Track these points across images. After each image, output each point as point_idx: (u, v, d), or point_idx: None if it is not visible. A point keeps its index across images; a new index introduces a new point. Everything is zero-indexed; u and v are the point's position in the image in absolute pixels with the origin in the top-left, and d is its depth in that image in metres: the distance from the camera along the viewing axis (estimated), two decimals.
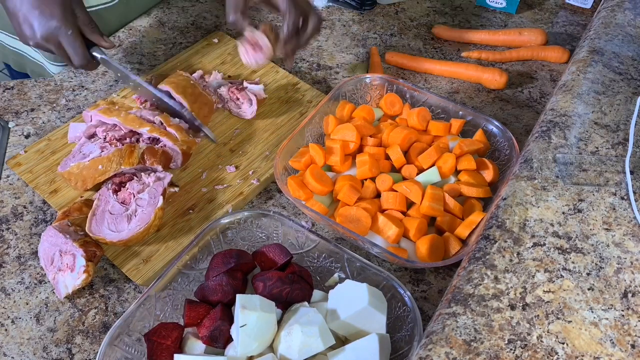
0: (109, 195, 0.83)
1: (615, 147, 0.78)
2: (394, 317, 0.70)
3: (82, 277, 0.75)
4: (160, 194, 0.82)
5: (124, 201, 0.83)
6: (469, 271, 0.66)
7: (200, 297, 0.71)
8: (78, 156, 0.87)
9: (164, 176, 0.85)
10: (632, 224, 0.69)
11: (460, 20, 1.23)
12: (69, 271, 0.76)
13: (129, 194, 0.83)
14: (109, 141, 0.89)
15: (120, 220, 0.81)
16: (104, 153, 0.85)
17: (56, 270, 0.77)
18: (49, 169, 0.90)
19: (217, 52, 1.12)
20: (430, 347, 0.59)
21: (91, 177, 0.84)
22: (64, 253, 0.77)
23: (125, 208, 0.82)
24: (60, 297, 0.76)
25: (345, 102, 0.97)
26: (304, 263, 0.78)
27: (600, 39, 0.95)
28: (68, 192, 0.88)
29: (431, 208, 0.81)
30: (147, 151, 0.85)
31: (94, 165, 0.83)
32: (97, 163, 0.83)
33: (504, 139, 0.90)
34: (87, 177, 0.84)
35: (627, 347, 0.58)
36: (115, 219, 0.81)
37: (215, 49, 1.12)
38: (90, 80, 1.07)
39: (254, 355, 0.66)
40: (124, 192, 0.83)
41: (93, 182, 0.84)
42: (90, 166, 0.83)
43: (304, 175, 0.85)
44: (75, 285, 0.75)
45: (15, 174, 0.91)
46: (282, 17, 0.84)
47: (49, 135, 0.95)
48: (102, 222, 0.80)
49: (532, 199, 0.72)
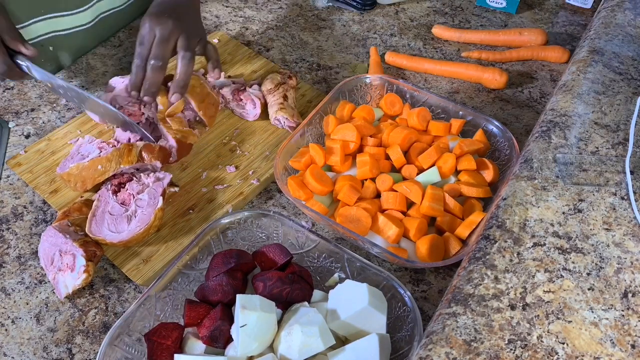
0: (108, 196, 0.83)
1: (616, 147, 0.78)
2: (394, 317, 0.70)
3: (82, 277, 0.75)
4: (160, 195, 0.82)
5: (123, 202, 0.83)
6: (469, 271, 0.66)
7: (200, 297, 0.71)
8: (77, 157, 0.87)
9: (164, 176, 0.85)
10: (632, 224, 0.69)
11: (460, 20, 1.23)
12: (69, 271, 0.76)
13: (129, 194, 0.83)
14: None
15: (120, 221, 0.81)
16: (103, 153, 0.85)
17: (56, 270, 0.77)
18: (49, 169, 0.90)
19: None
20: (431, 347, 0.59)
21: (91, 177, 0.84)
22: (64, 253, 0.77)
23: (125, 209, 0.82)
24: (60, 297, 0.76)
25: (345, 102, 0.97)
26: (304, 263, 0.78)
27: (601, 39, 0.95)
28: (68, 192, 0.88)
29: (431, 208, 0.81)
30: (145, 148, 0.85)
31: (93, 166, 0.83)
32: (97, 163, 0.83)
33: (504, 139, 0.90)
34: (87, 178, 0.84)
35: (627, 347, 0.58)
36: (115, 219, 0.81)
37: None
38: (90, 80, 1.07)
39: (254, 355, 0.66)
40: (124, 193, 0.83)
41: (93, 182, 0.84)
42: (90, 166, 0.83)
43: (304, 175, 0.85)
44: (75, 285, 0.75)
45: (15, 174, 0.91)
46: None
47: (49, 136, 0.95)
48: (102, 223, 0.80)
49: (532, 199, 0.72)
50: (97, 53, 1.12)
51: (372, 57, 1.11)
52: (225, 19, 1.21)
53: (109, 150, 0.86)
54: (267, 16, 1.23)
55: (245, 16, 1.23)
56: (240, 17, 1.22)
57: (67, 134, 0.95)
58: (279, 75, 1.02)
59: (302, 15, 1.23)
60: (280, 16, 1.23)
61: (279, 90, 0.99)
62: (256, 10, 1.24)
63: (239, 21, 1.21)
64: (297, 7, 1.25)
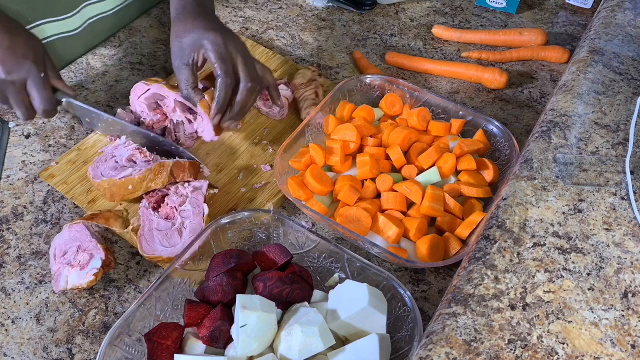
0: (150, 214, 0.82)
1: (615, 147, 0.78)
2: (394, 317, 0.70)
3: (89, 278, 0.75)
4: (203, 202, 0.82)
5: (167, 216, 0.82)
6: (469, 271, 0.66)
7: (200, 297, 0.71)
8: (110, 161, 0.87)
9: (200, 185, 0.84)
10: (632, 224, 0.69)
11: (460, 20, 1.23)
12: (78, 268, 0.76)
13: (171, 208, 0.82)
14: (149, 125, 0.90)
15: (171, 235, 0.80)
16: (135, 172, 0.84)
17: (64, 264, 0.77)
18: (83, 178, 0.90)
19: None
20: (431, 347, 0.59)
21: (120, 194, 0.84)
22: (82, 250, 0.77)
23: (171, 223, 0.81)
24: (55, 290, 0.76)
25: (345, 102, 0.97)
26: (304, 263, 0.78)
27: (601, 39, 0.95)
28: (106, 202, 0.88)
29: (431, 208, 0.81)
30: (175, 167, 0.84)
31: (124, 185, 0.83)
32: (127, 183, 0.83)
33: (504, 139, 0.90)
34: (116, 194, 0.84)
35: (627, 347, 0.58)
36: (165, 235, 0.80)
37: None
38: (90, 81, 1.07)
39: (254, 355, 0.66)
40: (165, 208, 0.83)
41: (121, 199, 0.85)
42: (120, 185, 0.83)
43: (304, 175, 0.85)
44: (78, 284, 0.75)
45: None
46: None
47: (78, 145, 0.95)
48: (153, 241, 0.80)
49: (532, 199, 0.72)
50: (97, 53, 1.12)
51: (357, 61, 1.11)
52: (225, 19, 1.21)
53: (141, 166, 0.85)
54: (267, 16, 1.23)
55: (245, 16, 1.23)
56: (240, 17, 1.22)
57: (96, 143, 0.95)
58: (309, 72, 1.03)
59: (302, 15, 1.23)
60: (280, 16, 1.23)
61: (311, 85, 1.00)
62: (256, 10, 1.24)
63: (239, 21, 1.21)
64: (297, 7, 1.25)
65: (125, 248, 0.83)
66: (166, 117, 0.95)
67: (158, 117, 0.94)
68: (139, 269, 0.81)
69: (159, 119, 0.94)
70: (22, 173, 0.91)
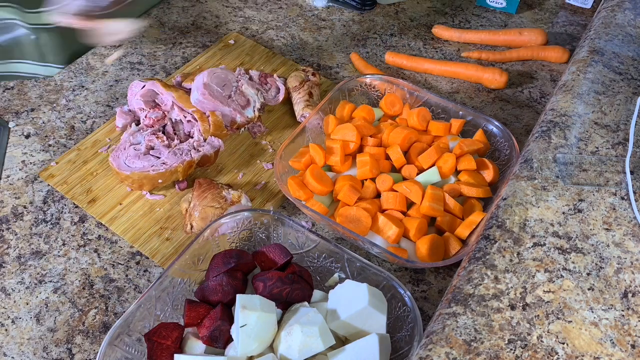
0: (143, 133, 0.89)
1: (615, 147, 0.78)
2: (394, 317, 0.70)
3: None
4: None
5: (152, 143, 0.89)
6: (469, 271, 0.66)
7: (200, 297, 0.71)
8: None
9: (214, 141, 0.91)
10: (632, 224, 0.69)
11: (460, 20, 1.23)
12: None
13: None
14: (149, 124, 0.93)
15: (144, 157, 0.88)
16: (164, 166, 0.87)
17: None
18: (83, 178, 0.91)
19: (235, 53, 1.12)
20: (430, 347, 0.59)
21: (149, 184, 0.87)
22: (235, 94, 0.92)
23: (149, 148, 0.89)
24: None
25: (345, 102, 0.97)
26: (304, 263, 0.78)
27: (600, 39, 0.95)
28: (107, 201, 0.88)
29: (431, 208, 0.81)
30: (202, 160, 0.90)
31: (154, 178, 0.86)
32: (158, 177, 0.86)
33: (504, 139, 0.90)
34: (145, 185, 0.88)
35: (627, 347, 0.58)
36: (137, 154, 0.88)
37: (232, 50, 1.13)
38: (90, 81, 1.07)
39: (254, 355, 0.66)
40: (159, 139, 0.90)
41: (150, 188, 0.89)
42: (152, 178, 0.86)
43: (304, 175, 0.85)
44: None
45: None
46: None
47: (78, 146, 0.95)
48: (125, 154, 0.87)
49: (532, 199, 0.72)
50: (97, 53, 1.12)
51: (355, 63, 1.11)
52: (225, 19, 1.21)
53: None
54: (267, 16, 1.23)
55: (245, 16, 1.23)
56: (240, 17, 1.22)
57: (95, 143, 0.95)
58: (302, 73, 1.03)
59: (302, 15, 1.23)
60: (280, 16, 1.23)
61: (304, 87, 1.01)
62: (256, 10, 1.24)
63: (239, 21, 1.21)
64: (297, 7, 1.25)
65: (125, 248, 0.83)
66: (165, 115, 0.95)
67: (157, 114, 0.95)
68: (139, 269, 0.81)
69: (158, 117, 0.95)
70: (22, 173, 0.91)
